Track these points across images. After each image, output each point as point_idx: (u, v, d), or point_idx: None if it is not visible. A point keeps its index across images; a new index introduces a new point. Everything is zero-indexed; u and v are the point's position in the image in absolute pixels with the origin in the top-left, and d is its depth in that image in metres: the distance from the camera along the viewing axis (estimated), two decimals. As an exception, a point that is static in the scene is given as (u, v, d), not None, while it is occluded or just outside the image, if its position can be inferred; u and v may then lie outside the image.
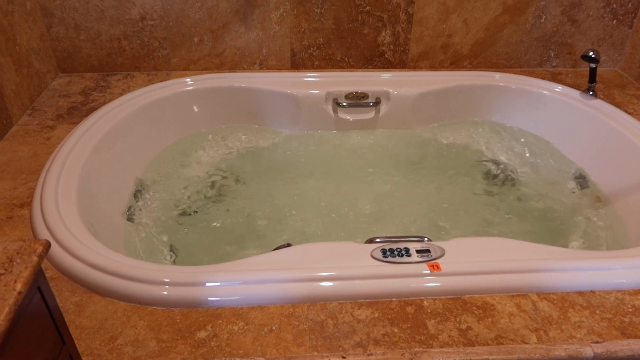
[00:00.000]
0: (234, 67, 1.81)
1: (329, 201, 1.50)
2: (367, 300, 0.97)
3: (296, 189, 1.55)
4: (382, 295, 0.97)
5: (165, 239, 1.40)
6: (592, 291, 1.00)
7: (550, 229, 1.43)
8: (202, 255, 1.37)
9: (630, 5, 1.78)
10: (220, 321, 0.93)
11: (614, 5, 1.78)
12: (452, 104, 1.71)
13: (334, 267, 1.00)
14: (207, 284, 0.97)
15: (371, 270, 0.99)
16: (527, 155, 1.67)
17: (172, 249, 1.39)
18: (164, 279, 0.96)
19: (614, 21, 1.81)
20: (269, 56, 1.79)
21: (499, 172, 1.64)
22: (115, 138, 1.44)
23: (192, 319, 0.94)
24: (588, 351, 0.89)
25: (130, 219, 1.37)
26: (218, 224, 1.45)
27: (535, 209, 1.50)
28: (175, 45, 1.76)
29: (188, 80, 1.66)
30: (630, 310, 0.97)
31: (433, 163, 1.64)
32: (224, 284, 0.97)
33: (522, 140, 1.70)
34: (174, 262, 1.35)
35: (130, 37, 1.73)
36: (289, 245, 1.11)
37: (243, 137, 1.71)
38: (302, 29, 1.75)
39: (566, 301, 0.98)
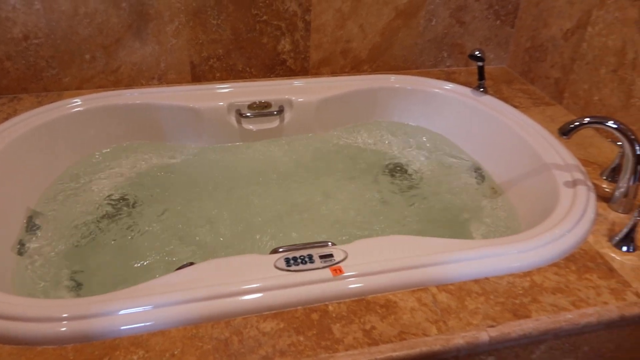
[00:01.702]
0: (131, 83, 1.74)
1: (236, 213, 1.48)
2: (272, 311, 0.96)
3: (202, 204, 1.52)
4: (287, 304, 0.96)
5: (64, 270, 1.31)
6: (486, 278, 1.06)
7: (453, 222, 1.49)
8: (107, 283, 1.30)
9: (510, 6, 1.92)
10: (118, 352, 0.88)
11: (496, 7, 1.90)
12: (353, 107, 1.75)
13: (237, 281, 0.98)
14: (102, 314, 0.91)
15: (275, 281, 0.98)
16: (428, 152, 1.74)
17: (72, 279, 1.31)
18: (53, 314, 0.90)
19: (498, 22, 1.94)
20: (167, 70, 1.74)
21: (402, 170, 1.70)
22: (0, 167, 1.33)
23: (87, 354, 0.88)
24: (484, 336, 0.94)
25: (20, 252, 1.27)
26: (122, 248, 1.39)
27: (438, 204, 1.56)
28: (65, 64, 1.66)
29: (78, 100, 1.58)
30: (521, 292, 1.03)
31: (338, 167, 1.67)
32: (121, 312, 0.92)
33: (422, 138, 1.77)
34: (77, 294, 1.27)
35: (13, 57, 1.61)
36: (191, 263, 1.08)
37: (144, 155, 1.65)
38: (200, 41, 1.72)
39: (463, 290, 1.03)
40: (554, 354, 1.04)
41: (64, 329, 0.89)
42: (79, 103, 1.58)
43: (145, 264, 1.34)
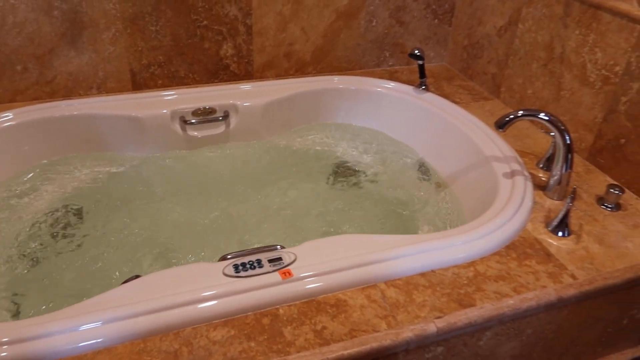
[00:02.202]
0: (68, 93, 1.68)
1: (185, 222, 1.46)
2: (223, 319, 0.95)
3: (149, 214, 1.48)
4: (237, 311, 0.96)
5: (2, 292, 1.25)
6: (432, 271, 1.08)
7: (401, 218, 1.53)
8: (51, 302, 1.25)
9: (447, 5, 1.98)
10: (61, 374, 0.85)
11: (434, 7, 1.96)
12: (299, 110, 1.76)
13: (184, 291, 0.96)
14: (44, 335, 0.88)
15: (224, 288, 0.97)
16: (374, 150, 1.77)
17: (13, 302, 1.25)
18: (-11, 340, 0.85)
19: (436, 21, 1.99)
20: (106, 79, 1.69)
21: (349, 170, 1.72)
22: None
23: (28, 378, 0.84)
24: (432, 327, 0.96)
25: (-47, 277, 1.21)
26: (65, 264, 1.34)
27: (385, 201, 1.59)
28: (-5, 76, 1.59)
29: (9, 114, 1.51)
30: (465, 282, 1.06)
31: (286, 170, 1.67)
32: (63, 331, 0.89)
33: (368, 137, 1.80)
34: (17, 317, 1.22)
35: (-64, 71, 1.53)
36: (137, 276, 1.05)
37: (86, 167, 1.60)
38: (139, 48, 1.68)
39: (410, 284, 1.05)
40: (499, 339, 1.09)
41: (4, 354, 0.85)
42: (10, 117, 1.51)
43: (89, 279, 1.30)
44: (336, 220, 1.51)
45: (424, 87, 1.80)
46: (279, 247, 1.10)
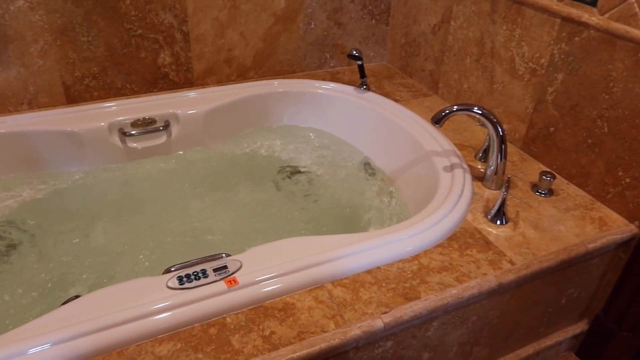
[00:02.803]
0: (-3, 111, 1.61)
1: (128, 236, 1.42)
2: (168, 333, 0.93)
3: (90, 232, 1.44)
4: (183, 324, 0.94)
5: None
6: (378, 267, 1.10)
7: (349, 218, 1.54)
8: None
9: (383, 5, 2.01)
10: (-3, 405, 0.81)
11: (370, 7, 1.99)
12: (242, 115, 1.75)
13: (127, 308, 0.94)
14: (-23, 367, 0.84)
15: (168, 301, 0.95)
16: (319, 151, 1.78)
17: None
18: None
19: (373, 21, 2.03)
20: (37, 94, 1.62)
21: (296, 173, 1.72)
22: None
23: (-40, 413, 0.80)
24: (379, 323, 0.98)
25: None
26: (5, 288, 1.27)
27: (333, 202, 1.60)
28: None
29: None
30: (410, 275, 1.09)
31: (232, 177, 1.65)
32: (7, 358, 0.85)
33: (313, 138, 1.81)
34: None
35: None
36: (77, 297, 1.02)
37: (21, 188, 1.52)
38: (71, 60, 1.62)
39: (357, 282, 1.06)
40: (446, 328, 1.12)
41: None
42: None
43: (25, 303, 1.24)
44: (284, 224, 1.51)
45: (365, 86, 1.83)
46: (224, 255, 1.09)
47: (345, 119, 1.78)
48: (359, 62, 1.77)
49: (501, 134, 1.32)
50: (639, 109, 1.21)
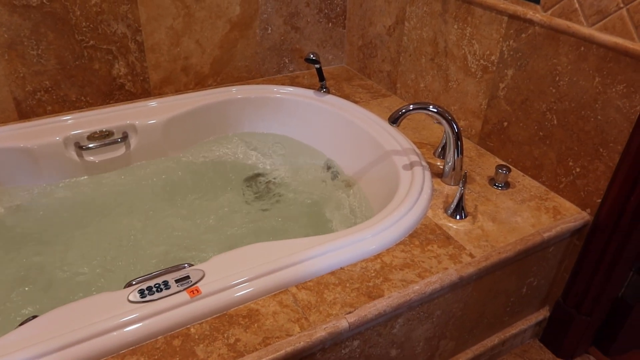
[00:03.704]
0: (-55, 130, 1.55)
1: (88, 251, 1.39)
2: (130, 348, 0.92)
3: (49, 247, 1.40)
4: (146, 337, 0.93)
5: None
6: (341, 268, 1.11)
7: (314, 220, 1.55)
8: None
9: (338, 9, 2.03)
10: None
11: (326, 11, 2.01)
12: (202, 123, 1.74)
13: (87, 325, 0.92)
14: None
15: (129, 315, 0.94)
16: (282, 156, 1.79)
17: None
18: None
19: (330, 24, 2.05)
20: (-13, 110, 1.58)
21: (260, 179, 1.72)
22: None
23: None
24: (343, 323, 0.99)
25: None
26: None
27: (298, 205, 1.61)
28: None
29: None
30: (373, 274, 1.10)
31: (195, 186, 1.64)
32: (-49, 389, 0.82)
33: (275, 143, 1.81)
34: None
35: None
36: (35, 317, 0.99)
37: (-27, 207, 1.48)
38: (21, 74, 1.58)
39: (321, 284, 1.07)
40: (412, 324, 1.14)
41: None
42: None
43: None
44: (250, 230, 1.51)
45: (324, 89, 1.84)
46: (186, 265, 1.08)
47: (306, 123, 1.79)
48: (317, 66, 1.78)
49: (456, 130, 1.35)
50: (583, 101, 1.26)
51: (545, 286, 1.42)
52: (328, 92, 1.84)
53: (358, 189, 1.60)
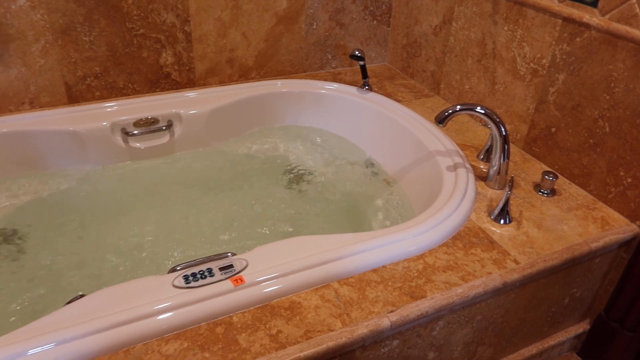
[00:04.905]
0: (-2, 110, 1.60)
1: (133, 236, 1.42)
2: (174, 332, 0.93)
3: (96, 231, 1.43)
4: (189, 323, 0.94)
5: None
6: (384, 266, 1.10)
7: (353, 217, 1.54)
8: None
9: (384, 7, 2.02)
10: (4, 405, 0.81)
11: (372, 8, 2.00)
12: (245, 115, 1.75)
13: (133, 307, 0.94)
14: (-18, 367, 0.83)
15: (174, 300, 0.95)
16: (322, 151, 1.78)
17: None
18: None
19: (375, 22, 2.03)
20: (39, 93, 1.62)
21: (301, 173, 1.73)
22: None
23: (-33, 413, 0.80)
24: (385, 322, 0.98)
25: None
26: (8, 290, 1.27)
27: (337, 201, 1.61)
28: None
29: None
30: (415, 275, 1.09)
31: (237, 177, 1.65)
32: (8, 358, 0.84)
33: (316, 138, 1.82)
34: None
35: None
36: (82, 295, 1.01)
37: (22, 188, 1.52)
38: (73, 60, 1.62)
39: (363, 281, 1.06)
40: (452, 327, 1.12)
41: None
42: None
43: (27, 305, 1.23)
44: (290, 223, 1.51)
45: (367, 87, 1.83)
46: (229, 254, 1.09)
47: (348, 119, 1.78)
48: (362, 63, 1.77)
49: (504, 133, 1.32)
50: (639, 109, 1.22)
51: (588, 298, 1.38)
52: (371, 89, 1.83)
53: (398, 188, 1.58)
